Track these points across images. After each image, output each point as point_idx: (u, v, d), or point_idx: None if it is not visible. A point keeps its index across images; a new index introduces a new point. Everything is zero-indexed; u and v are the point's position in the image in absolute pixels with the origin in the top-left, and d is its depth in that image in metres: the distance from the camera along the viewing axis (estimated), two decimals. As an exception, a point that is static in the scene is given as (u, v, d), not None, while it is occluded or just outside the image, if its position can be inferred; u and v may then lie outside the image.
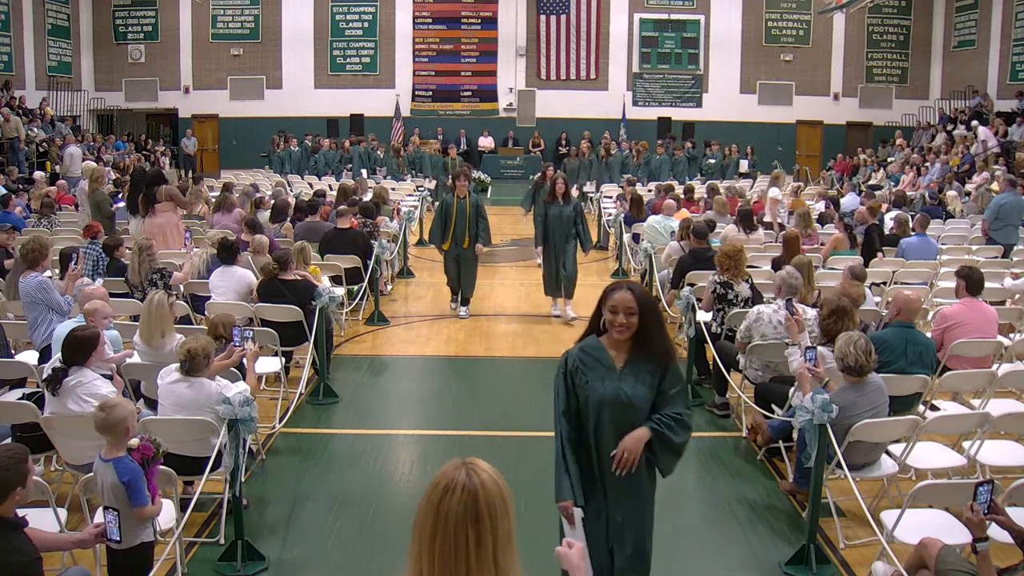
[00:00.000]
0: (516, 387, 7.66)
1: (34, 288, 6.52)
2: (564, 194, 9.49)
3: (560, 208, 9.39)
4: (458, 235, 9.56)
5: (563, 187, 9.45)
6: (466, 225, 9.52)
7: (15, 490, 3.24)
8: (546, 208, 9.54)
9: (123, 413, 3.82)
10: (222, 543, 4.71)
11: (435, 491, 1.94)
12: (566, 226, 9.39)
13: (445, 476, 1.95)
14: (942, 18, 23.22)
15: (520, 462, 6.00)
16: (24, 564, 3.20)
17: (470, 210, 9.54)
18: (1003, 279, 8.74)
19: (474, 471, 1.95)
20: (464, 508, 1.90)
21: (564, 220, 9.36)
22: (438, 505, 1.92)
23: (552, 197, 9.50)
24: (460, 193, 9.58)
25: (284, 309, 7.10)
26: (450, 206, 9.57)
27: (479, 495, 1.91)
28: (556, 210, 9.39)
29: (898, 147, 20.34)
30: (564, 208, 9.40)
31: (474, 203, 9.61)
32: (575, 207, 9.53)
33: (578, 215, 9.47)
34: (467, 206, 9.54)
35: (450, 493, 1.92)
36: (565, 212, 9.38)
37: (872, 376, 4.91)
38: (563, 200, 9.45)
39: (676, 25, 24.17)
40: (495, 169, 22.18)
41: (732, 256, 6.98)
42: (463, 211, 9.52)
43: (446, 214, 9.57)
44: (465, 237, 9.55)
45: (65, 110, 21.05)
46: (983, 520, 3.41)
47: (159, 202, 9.43)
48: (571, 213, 9.39)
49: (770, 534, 4.98)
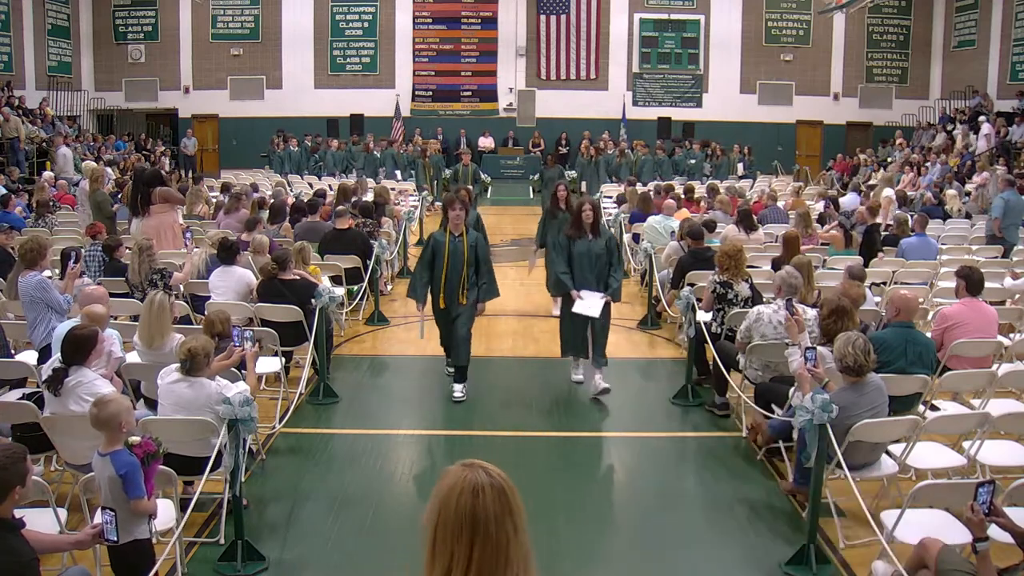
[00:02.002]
0: (516, 387, 7.66)
1: (33, 287, 6.52)
2: (593, 224, 7.19)
3: (588, 244, 7.13)
4: (450, 289, 7.02)
5: (591, 216, 7.15)
6: (461, 275, 6.99)
7: (14, 489, 3.24)
8: (569, 244, 7.19)
9: (116, 408, 3.83)
10: (222, 543, 4.71)
11: (462, 497, 1.91)
12: (598, 267, 7.12)
13: (466, 481, 1.93)
14: (942, 18, 23.21)
15: (520, 462, 6.01)
16: (21, 565, 3.20)
17: (467, 254, 6.99)
18: (1003, 279, 8.74)
19: (487, 470, 1.97)
20: (500, 505, 1.91)
21: (594, 259, 7.10)
22: (472, 509, 1.90)
23: (578, 229, 7.18)
24: (454, 228, 7.04)
25: (284, 309, 7.10)
26: (439, 247, 7.03)
27: (505, 488, 1.94)
28: (583, 246, 7.11)
29: (898, 147, 20.34)
30: (594, 244, 7.14)
31: (473, 243, 7.06)
32: (609, 242, 7.24)
33: (612, 253, 7.22)
34: (463, 247, 6.99)
35: (482, 494, 1.91)
36: (595, 249, 7.13)
37: (872, 376, 4.91)
38: (592, 233, 7.19)
39: (676, 25, 24.16)
40: (495, 169, 22.17)
41: (732, 256, 6.98)
42: (457, 255, 6.98)
43: (433, 258, 7.06)
44: (459, 292, 7.03)
45: (65, 110, 21.04)
46: (983, 520, 3.41)
47: (154, 203, 9.43)
48: (602, 250, 7.16)
49: (770, 534, 4.98)
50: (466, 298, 7.04)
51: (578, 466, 6.02)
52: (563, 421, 6.74)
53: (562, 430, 6.58)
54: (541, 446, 6.36)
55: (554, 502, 5.41)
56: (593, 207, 7.25)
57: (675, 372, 7.77)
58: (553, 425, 6.68)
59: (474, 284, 7.05)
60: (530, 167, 21.75)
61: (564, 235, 7.28)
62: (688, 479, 5.91)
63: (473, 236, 7.14)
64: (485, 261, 7.12)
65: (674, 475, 6.00)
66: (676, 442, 6.51)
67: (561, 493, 5.54)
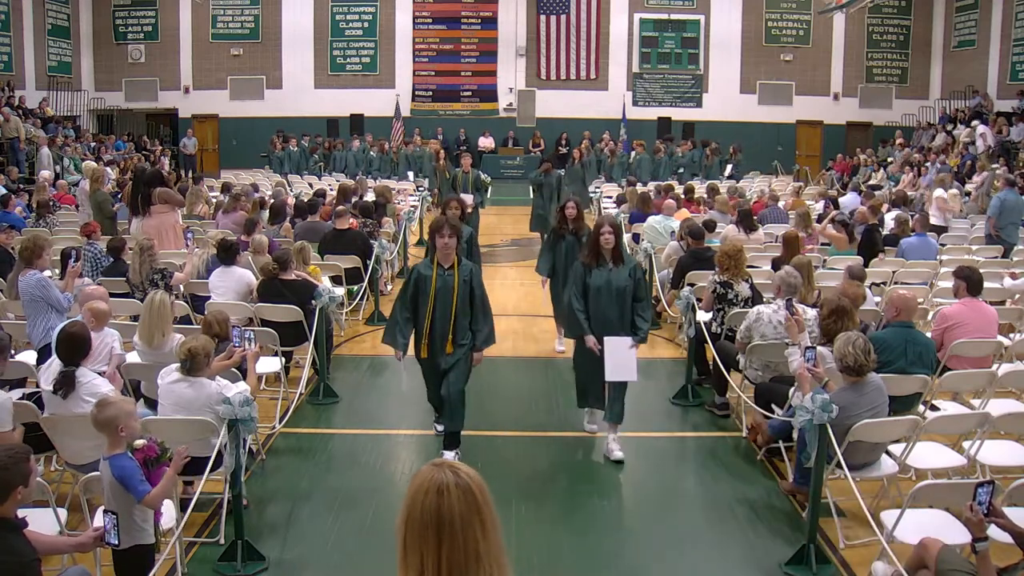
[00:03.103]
0: (516, 387, 7.66)
1: (33, 285, 6.52)
2: (615, 251, 5.98)
3: (608, 274, 5.93)
4: (436, 335, 5.75)
5: (612, 239, 5.93)
6: (451, 319, 5.70)
7: (16, 489, 3.24)
8: (585, 274, 5.99)
9: (114, 412, 3.82)
10: (222, 543, 4.72)
11: (427, 498, 1.92)
12: (620, 303, 5.92)
13: (432, 482, 1.94)
14: (942, 18, 23.22)
15: (520, 462, 6.01)
16: (23, 565, 3.20)
17: (458, 292, 5.70)
18: (1003, 279, 8.74)
19: (456, 469, 1.97)
20: (466, 504, 1.92)
21: (616, 293, 5.90)
22: (438, 509, 1.91)
23: (595, 257, 5.99)
24: (443, 260, 5.72)
25: (284, 309, 7.10)
26: (423, 283, 5.74)
27: (472, 487, 1.94)
28: (602, 277, 5.92)
29: (898, 147, 20.34)
30: (615, 274, 5.93)
31: (466, 278, 5.75)
32: (633, 271, 6.02)
33: (639, 284, 6.01)
34: (454, 284, 5.69)
35: (446, 494, 1.92)
36: (617, 281, 5.92)
37: (872, 376, 4.91)
38: (613, 260, 5.98)
39: (676, 25, 24.17)
40: (495, 169, 22.16)
41: (732, 256, 6.98)
42: (446, 293, 5.70)
43: (416, 296, 5.78)
44: (448, 337, 5.74)
45: (65, 110, 21.04)
46: (982, 520, 3.41)
47: (154, 203, 9.42)
48: (626, 282, 5.94)
49: (770, 534, 4.98)
50: (455, 346, 5.72)
51: (578, 466, 6.02)
52: (563, 421, 6.74)
53: (562, 430, 6.58)
54: (541, 446, 6.36)
55: (554, 502, 5.41)
56: (614, 228, 5.93)
57: (675, 372, 7.76)
58: (553, 425, 6.68)
59: (466, 330, 5.77)
60: (530, 167, 21.74)
61: (579, 263, 6.05)
62: (688, 479, 5.91)
63: (466, 268, 5.75)
64: (481, 300, 5.79)
65: (674, 475, 6.00)
66: (676, 442, 6.51)
67: (561, 493, 5.54)
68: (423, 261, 5.95)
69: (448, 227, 5.69)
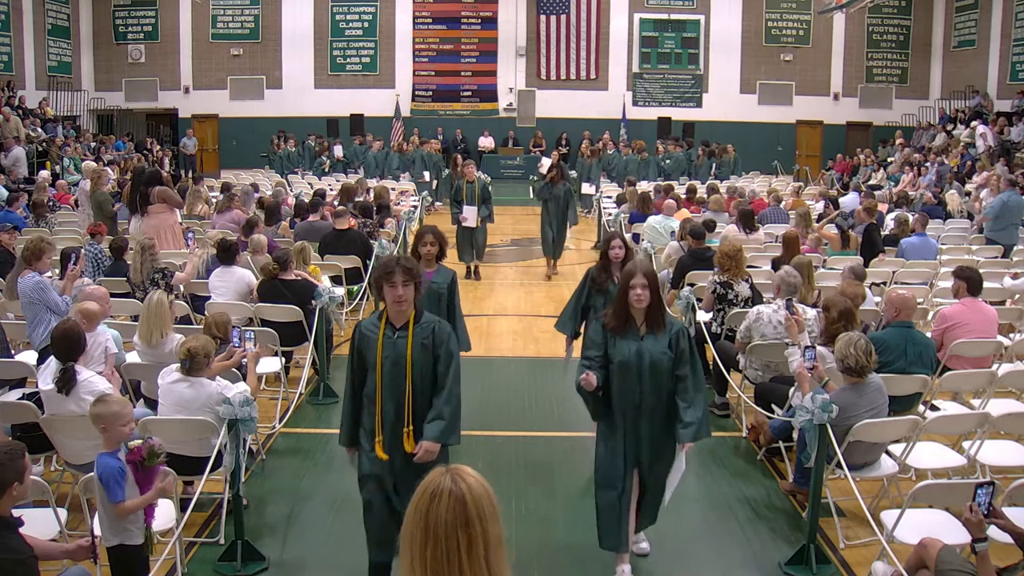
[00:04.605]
0: (516, 387, 7.66)
1: (31, 288, 6.52)
2: (650, 312, 4.25)
3: (640, 345, 4.25)
4: (391, 425, 4.05)
5: (645, 298, 4.20)
6: (406, 398, 4.03)
7: (11, 486, 3.23)
8: (607, 341, 4.31)
9: (102, 410, 3.85)
10: (222, 543, 4.72)
11: (423, 500, 1.95)
12: (655, 383, 4.25)
13: (431, 484, 1.96)
14: (942, 18, 23.21)
15: (520, 462, 6.01)
16: (18, 563, 3.19)
17: (414, 359, 4.03)
18: (1003, 279, 8.74)
19: (460, 476, 1.96)
20: (454, 514, 1.91)
21: (650, 371, 4.23)
22: (427, 514, 1.93)
23: (621, 320, 4.28)
24: (395, 318, 4.06)
25: (284, 309, 7.10)
26: (368, 348, 4.11)
27: (467, 499, 1.93)
28: (629, 348, 4.24)
29: (898, 147, 20.35)
30: (651, 345, 4.24)
31: (425, 339, 4.06)
32: (677, 340, 4.27)
33: (685, 360, 4.27)
34: (405, 351, 4.03)
35: (438, 500, 1.92)
36: (653, 354, 4.23)
37: (872, 376, 4.91)
38: (649, 325, 4.27)
39: (676, 25, 24.17)
40: (495, 169, 22.17)
41: (732, 256, 6.98)
42: (396, 363, 4.03)
43: (363, 371, 4.14)
44: (405, 427, 4.04)
45: (65, 110, 21.05)
46: (982, 521, 3.41)
47: (152, 203, 9.41)
48: (663, 356, 4.23)
49: (770, 534, 4.99)
50: (413, 439, 4.03)
51: (578, 466, 6.01)
52: (563, 421, 6.74)
53: (562, 430, 6.58)
54: (541, 446, 6.36)
55: (554, 502, 5.41)
56: (648, 279, 4.19)
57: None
58: (553, 425, 6.68)
59: (429, 422, 4.03)
60: (530, 167, 21.72)
61: (597, 324, 4.39)
62: (688, 479, 5.87)
63: (426, 328, 4.05)
64: (450, 375, 4.07)
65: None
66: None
67: (561, 493, 5.54)
68: (370, 317, 4.22)
69: (401, 271, 3.94)
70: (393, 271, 3.97)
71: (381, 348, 4.05)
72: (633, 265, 4.34)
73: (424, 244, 5.78)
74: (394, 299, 3.98)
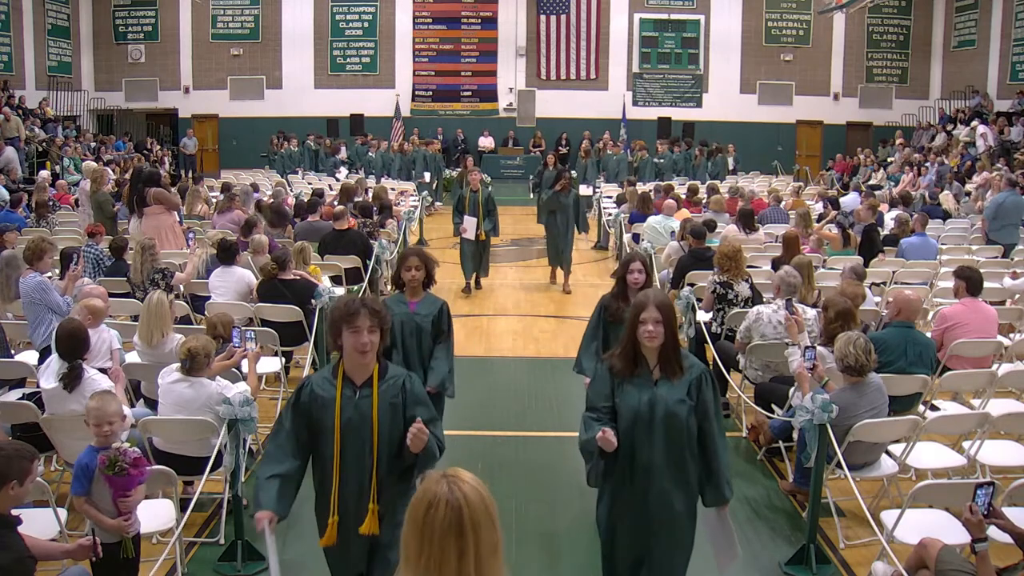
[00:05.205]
0: (516, 387, 7.66)
1: (33, 288, 6.53)
2: (664, 352, 3.53)
3: (653, 392, 3.53)
4: (349, 499, 3.34)
5: (658, 335, 3.49)
6: (371, 469, 3.31)
7: (9, 484, 3.22)
8: (613, 385, 3.60)
9: (95, 405, 3.89)
10: (222, 543, 4.72)
11: (419, 507, 1.95)
12: (669, 437, 3.53)
13: (428, 492, 1.96)
14: (942, 18, 23.22)
15: (520, 462, 6.01)
16: (15, 561, 3.19)
17: (381, 422, 3.30)
18: (1003, 279, 8.74)
19: (456, 484, 1.96)
20: (448, 523, 1.92)
21: (664, 423, 3.51)
22: (423, 521, 1.93)
23: (629, 361, 3.58)
24: (355, 372, 3.33)
25: (284, 309, 7.10)
26: (322, 410, 3.33)
27: (462, 508, 1.93)
28: (640, 395, 3.54)
29: (898, 147, 20.36)
30: (666, 392, 3.52)
31: (393, 398, 3.35)
32: (699, 387, 3.57)
33: (708, 412, 3.59)
34: (371, 410, 3.30)
35: (433, 508, 1.93)
36: (668, 403, 3.50)
37: (872, 376, 4.91)
38: (663, 368, 3.56)
39: (676, 25, 24.17)
40: (495, 169, 22.18)
41: (731, 256, 6.97)
42: (359, 427, 3.30)
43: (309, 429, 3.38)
44: (369, 504, 3.32)
45: (65, 110, 21.05)
46: (981, 521, 3.41)
47: (149, 204, 9.40)
48: (680, 404, 3.51)
49: (770, 534, 4.99)
50: (383, 523, 3.32)
51: (578, 466, 6.00)
52: (563, 421, 6.73)
53: (562, 430, 6.57)
54: (541, 446, 6.36)
55: (554, 502, 5.41)
56: (662, 312, 3.47)
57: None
58: (553, 425, 6.67)
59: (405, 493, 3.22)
60: (530, 167, 21.73)
61: (603, 368, 3.66)
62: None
63: (395, 383, 3.34)
64: (423, 450, 3.26)
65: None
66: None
67: (561, 493, 5.54)
68: (320, 373, 3.47)
69: (367, 314, 3.23)
70: (356, 313, 3.24)
71: (340, 410, 3.29)
72: (645, 295, 3.58)
73: (408, 269, 4.99)
74: (357, 347, 3.23)
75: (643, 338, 3.49)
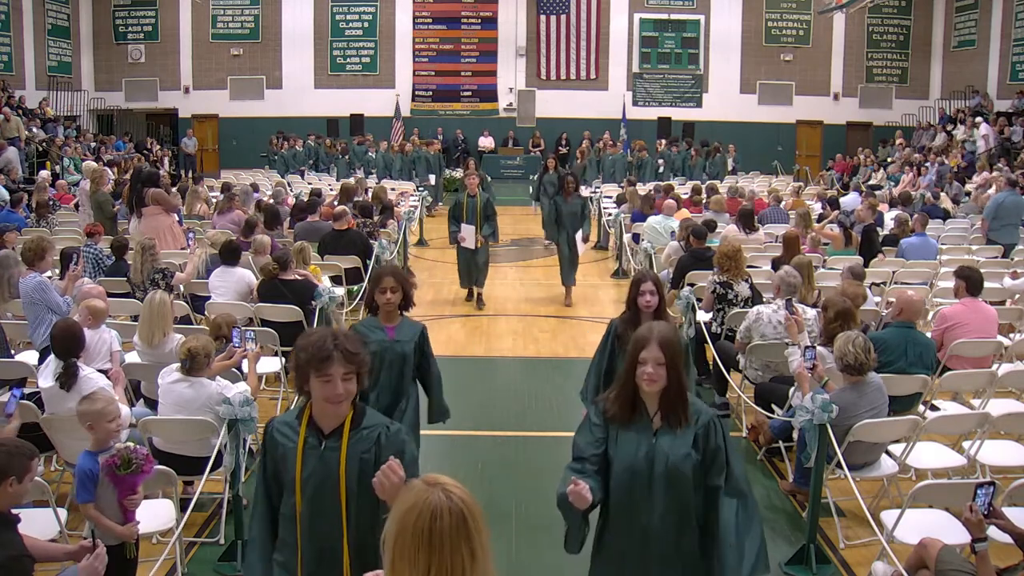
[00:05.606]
0: (516, 387, 7.65)
1: (33, 288, 6.53)
2: (667, 397, 3.03)
3: (653, 444, 3.04)
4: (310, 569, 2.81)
5: (659, 377, 2.97)
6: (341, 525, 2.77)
7: (8, 480, 3.22)
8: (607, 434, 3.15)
9: (84, 408, 3.89)
10: (222, 543, 4.72)
11: (420, 519, 1.91)
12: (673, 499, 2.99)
13: (425, 503, 1.93)
14: (942, 18, 23.22)
15: (520, 462, 6.01)
16: (13, 559, 3.18)
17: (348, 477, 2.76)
18: (1003, 279, 8.74)
19: (450, 491, 1.95)
20: (456, 530, 1.91)
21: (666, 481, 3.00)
22: (429, 532, 1.90)
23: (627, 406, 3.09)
24: (324, 419, 2.79)
25: (284, 309, 7.10)
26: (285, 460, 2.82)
27: (465, 513, 1.93)
28: (638, 446, 3.06)
29: (898, 147, 20.36)
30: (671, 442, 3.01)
31: (365, 452, 2.77)
32: (708, 434, 3.01)
33: (721, 466, 2.98)
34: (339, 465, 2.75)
35: (439, 518, 1.91)
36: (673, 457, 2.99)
37: (872, 376, 4.91)
38: (667, 416, 3.04)
39: (676, 25, 24.17)
40: (495, 169, 22.20)
41: (731, 256, 6.97)
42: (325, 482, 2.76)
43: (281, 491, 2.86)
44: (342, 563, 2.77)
45: (65, 110, 21.05)
46: (981, 521, 3.41)
47: (147, 205, 9.39)
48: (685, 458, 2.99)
49: (770, 534, 4.96)
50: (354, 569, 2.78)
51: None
52: (563, 421, 6.73)
53: (562, 430, 6.57)
54: (541, 446, 6.36)
55: (554, 502, 5.39)
56: (665, 352, 2.98)
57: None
58: (552, 425, 6.67)
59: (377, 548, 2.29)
60: (530, 167, 21.74)
61: (597, 411, 3.20)
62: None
63: (366, 437, 2.80)
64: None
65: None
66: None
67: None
68: (284, 416, 3.01)
69: (341, 357, 2.69)
70: (328, 359, 2.65)
71: (301, 464, 2.76)
72: (648, 330, 3.04)
73: (383, 291, 4.38)
74: (328, 396, 2.69)
75: (642, 381, 2.97)
